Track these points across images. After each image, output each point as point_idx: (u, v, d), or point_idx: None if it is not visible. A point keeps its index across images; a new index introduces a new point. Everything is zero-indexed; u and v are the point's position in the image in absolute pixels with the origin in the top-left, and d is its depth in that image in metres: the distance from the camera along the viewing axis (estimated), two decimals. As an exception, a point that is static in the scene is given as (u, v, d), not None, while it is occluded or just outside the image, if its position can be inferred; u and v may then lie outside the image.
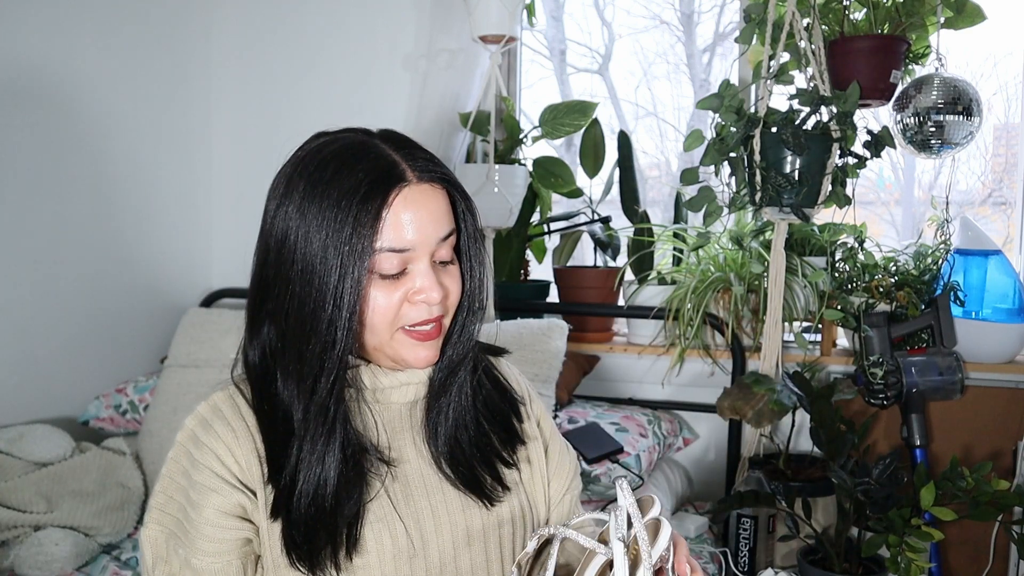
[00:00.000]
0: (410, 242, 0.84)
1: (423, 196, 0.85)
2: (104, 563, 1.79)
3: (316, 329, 0.83)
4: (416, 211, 0.84)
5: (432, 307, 0.87)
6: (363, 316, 0.86)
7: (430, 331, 0.89)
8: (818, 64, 1.87)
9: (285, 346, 0.86)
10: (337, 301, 0.82)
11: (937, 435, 2.07)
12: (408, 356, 0.89)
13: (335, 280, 0.82)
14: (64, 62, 2.16)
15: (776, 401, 1.83)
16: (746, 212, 2.15)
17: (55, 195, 2.16)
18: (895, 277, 2.10)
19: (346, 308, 0.83)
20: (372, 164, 0.84)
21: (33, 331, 2.12)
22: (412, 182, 0.85)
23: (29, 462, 1.92)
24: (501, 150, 2.33)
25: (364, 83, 2.56)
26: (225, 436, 0.87)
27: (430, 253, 0.86)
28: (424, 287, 0.86)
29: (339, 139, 0.88)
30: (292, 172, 0.87)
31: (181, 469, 0.88)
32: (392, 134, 0.90)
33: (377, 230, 0.83)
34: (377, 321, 0.86)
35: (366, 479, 0.88)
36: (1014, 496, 1.59)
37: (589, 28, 2.84)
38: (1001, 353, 2.05)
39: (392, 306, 0.86)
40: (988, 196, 2.52)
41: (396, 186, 0.84)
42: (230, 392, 0.92)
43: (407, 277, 0.86)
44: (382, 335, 0.87)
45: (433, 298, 0.86)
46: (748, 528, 1.92)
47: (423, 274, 0.86)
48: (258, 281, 0.89)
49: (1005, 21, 2.13)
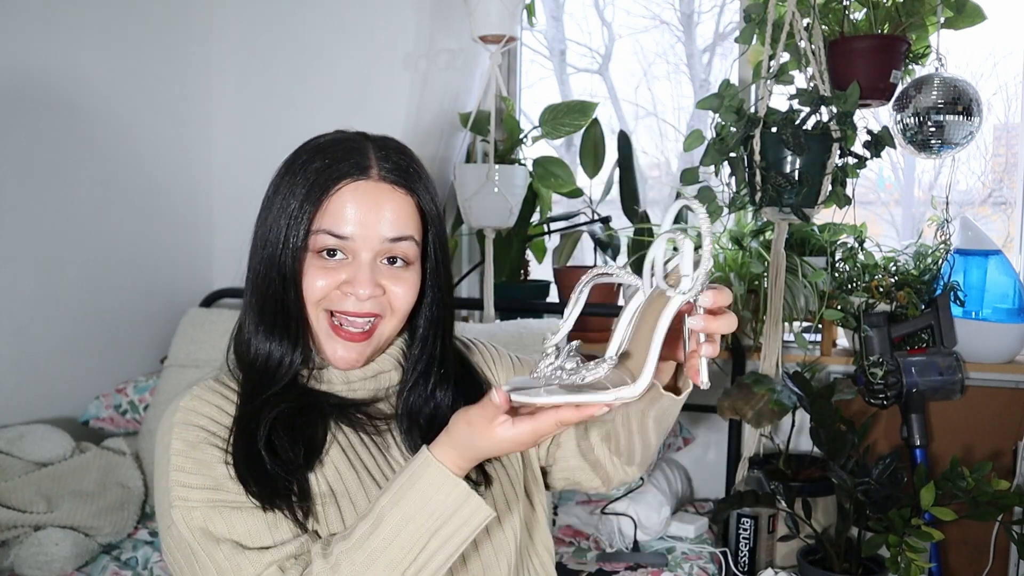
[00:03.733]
0: (348, 232, 0.87)
1: (378, 193, 0.88)
2: (104, 563, 1.79)
3: (268, 293, 0.89)
4: (363, 205, 0.87)
5: (361, 301, 0.88)
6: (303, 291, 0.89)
7: (357, 334, 0.90)
8: (818, 64, 1.87)
9: (254, 309, 0.92)
10: (279, 266, 0.88)
11: (937, 435, 2.07)
12: (327, 350, 0.91)
13: (279, 247, 0.88)
14: (64, 63, 2.16)
15: (776, 401, 1.83)
16: (746, 212, 2.14)
17: (55, 195, 2.16)
18: (895, 277, 2.10)
19: (286, 274, 0.88)
20: (340, 154, 0.89)
21: (33, 331, 2.12)
22: (372, 179, 0.88)
23: (29, 462, 1.92)
24: (501, 150, 2.33)
25: (364, 83, 2.56)
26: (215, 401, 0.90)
27: (373, 250, 0.88)
28: (355, 279, 0.88)
29: (334, 135, 0.93)
30: (288, 157, 0.93)
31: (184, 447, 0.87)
32: (385, 139, 0.93)
33: (320, 208, 0.87)
34: (309, 295, 0.89)
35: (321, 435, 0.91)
36: (1014, 496, 1.59)
37: (589, 28, 2.84)
38: (1001, 353, 2.05)
39: (325, 287, 0.88)
40: (988, 196, 2.52)
41: (352, 176, 0.88)
42: (219, 377, 0.94)
43: (346, 266, 0.88)
44: (312, 313, 0.90)
45: (361, 293, 0.87)
46: (748, 528, 1.92)
47: (358, 267, 0.88)
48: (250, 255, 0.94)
49: (1005, 21, 2.13)
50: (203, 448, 0.86)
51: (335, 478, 0.89)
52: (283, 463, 0.86)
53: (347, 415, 0.93)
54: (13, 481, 1.84)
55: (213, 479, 0.84)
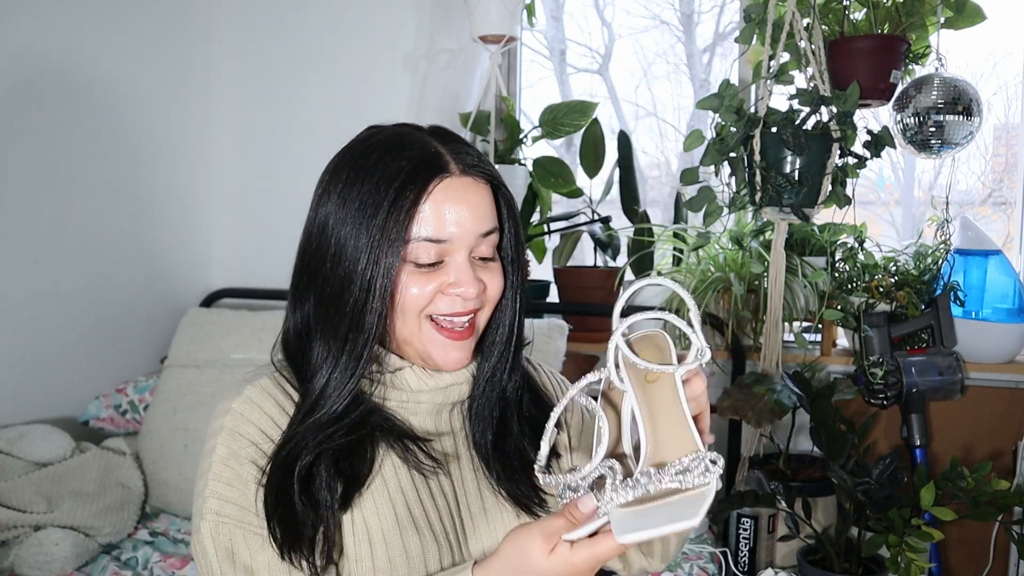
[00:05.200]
0: (448, 234, 0.84)
1: (465, 189, 0.85)
2: (104, 563, 1.79)
3: (343, 311, 0.83)
4: (456, 203, 0.84)
5: (467, 301, 0.85)
6: (393, 302, 0.84)
7: (462, 331, 0.87)
8: (818, 64, 1.87)
9: (319, 322, 0.86)
10: (364, 284, 0.82)
11: (937, 435, 2.07)
12: (437, 356, 0.87)
13: (364, 264, 0.82)
14: (64, 62, 2.16)
15: (776, 401, 1.83)
16: (746, 212, 2.14)
17: (55, 195, 2.16)
18: (895, 277, 2.10)
19: (375, 293, 0.82)
20: (415, 153, 0.84)
21: (33, 331, 2.12)
22: (454, 174, 0.85)
23: (29, 462, 1.92)
24: (501, 150, 2.33)
25: (364, 83, 2.56)
26: (269, 409, 0.86)
27: (469, 247, 0.85)
28: (460, 280, 0.84)
29: (387, 130, 0.89)
30: (338, 161, 0.88)
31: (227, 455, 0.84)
32: (441, 129, 0.90)
33: (413, 218, 0.82)
34: (407, 306, 0.85)
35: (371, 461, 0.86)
36: (1014, 496, 1.59)
37: (589, 28, 2.84)
38: (1001, 353, 2.05)
39: (424, 295, 0.85)
40: (988, 196, 2.52)
41: (437, 176, 0.84)
42: (275, 377, 0.90)
43: (443, 269, 0.85)
44: (411, 323, 0.86)
45: (469, 293, 0.84)
46: (748, 528, 1.92)
47: (460, 267, 0.85)
48: (299, 265, 0.89)
49: (1005, 21, 2.13)
50: (246, 464, 0.83)
51: (372, 514, 0.85)
52: (315, 503, 0.81)
53: (401, 444, 0.88)
54: (13, 481, 1.84)
55: (248, 499, 0.82)
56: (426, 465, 0.88)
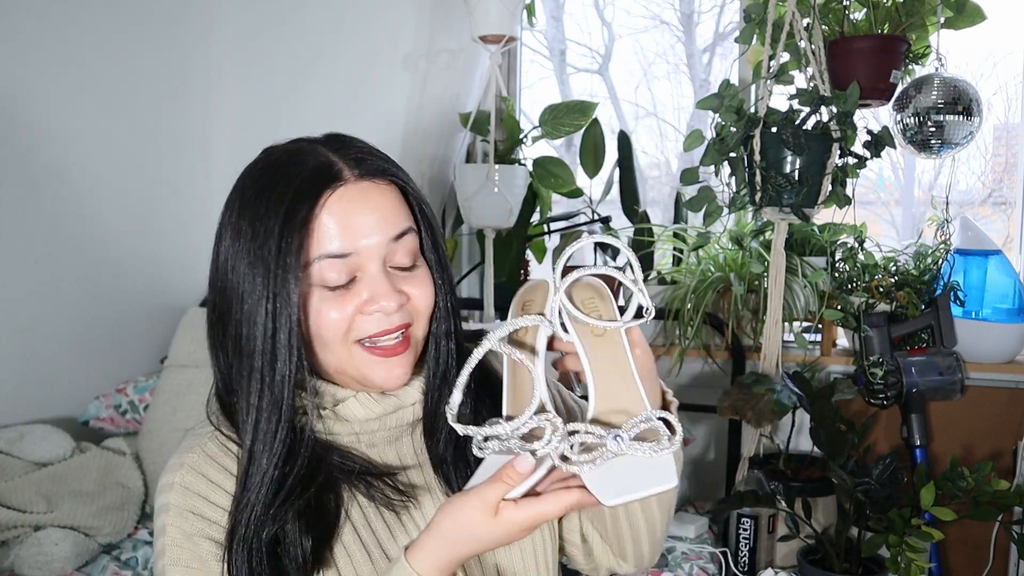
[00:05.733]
0: (352, 246, 0.75)
1: (364, 194, 0.77)
2: (104, 563, 1.79)
3: (253, 354, 0.75)
4: (356, 211, 0.76)
5: (390, 316, 0.77)
6: (310, 334, 0.77)
7: (394, 346, 0.79)
8: (818, 64, 1.87)
9: (236, 373, 0.78)
10: (270, 319, 0.74)
11: (937, 435, 2.07)
12: (376, 377, 0.79)
13: (267, 296, 0.74)
14: (64, 61, 2.16)
15: (776, 401, 1.83)
16: (746, 212, 2.15)
17: (54, 195, 2.16)
18: (895, 277, 2.10)
19: (283, 325, 0.74)
20: (304, 167, 0.77)
21: (33, 331, 2.12)
22: (349, 181, 0.76)
23: (29, 462, 1.92)
24: (501, 150, 2.33)
25: (364, 83, 2.56)
26: (215, 476, 0.79)
27: (380, 257, 0.77)
28: (376, 294, 0.76)
29: (278, 150, 0.81)
30: (231, 193, 0.81)
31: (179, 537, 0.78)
32: (337, 136, 0.82)
33: (310, 236, 0.75)
34: (328, 336, 0.77)
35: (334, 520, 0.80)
36: (1014, 496, 1.59)
37: (589, 28, 2.84)
38: (1001, 353, 2.05)
39: (344, 319, 0.76)
40: (988, 196, 2.52)
41: (330, 186, 0.75)
42: (216, 438, 0.82)
43: (357, 286, 0.77)
44: (339, 352, 0.78)
45: (389, 307, 0.76)
46: (748, 528, 1.92)
47: (374, 281, 0.76)
48: (210, 314, 0.81)
49: (1005, 21, 2.13)
50: (201, 542, 0.77)
51: (346, 564, 0.80)
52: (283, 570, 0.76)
53: (364, 482, 0.81)
54: (13, 481, 1.84)
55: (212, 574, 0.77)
56: (395, 500, 0.82)
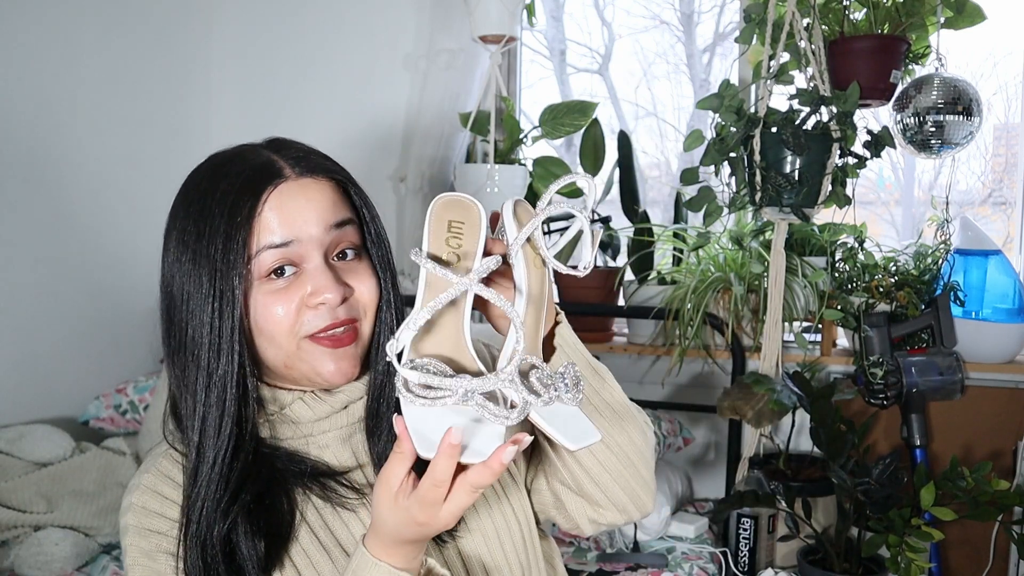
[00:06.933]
0: (292, 234, 0.76)
1: (304, 188, 0.78)
2: (104, 563, 1.79)
3: (198, 349, 0.76)
4: (295, 204, 0.77)
5: (335, 309, 0.77)
6: (256, 330, 0.77)
7: (344, 335, 0.78)
8: (818, 64, 1.87)
9: (183, 375, 0.78)
10: (216, 320, 0.75)
11: (937, 435, 2.07)
12: (324, 370, 0.78)
13: (213, 300, 0.75)
14: (64, 61, 2.16)
15: (776, 401, 1.83)
16: (746, 212, 2.15)
17: (55, 195, 2.16)
18: (895, 277, 2.10)
19: (228, 326, 0.75)
20: (245, 167, 0.78)
21: (33, 331, 2.12)
22: (290, 178, 0.78)
23: (29, 462, 1.92)
24: (501, 150, 2.33)
25: (364, 83, 2.56)
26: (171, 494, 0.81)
27: (321, 247, 0.77)
28: (319, 287, 0.76)
29: (220, 155, 0.82)
30: (174, 201, 0.82)
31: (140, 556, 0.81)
32: (279, 140, 0.83)
33: (252, 231, 0.75)
34: (275, 331, 0.77)
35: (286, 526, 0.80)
36: (1014, 496, 1.59)
37: (589, 28, 2.84)
38: (1001, 353, 2.05)
39: (289, 313, 0.77)
40: (988, 196, 2.52)
41: (271, 183, 0.77)
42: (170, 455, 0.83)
43: (301, 279, 0.77)
44: (286, 347, 0.78)
45: (333, 300, 0.76)
46: (748, 528, 1.92)
47: (316, 272, 0.77)
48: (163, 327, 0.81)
49: (1005, 21, 2.13)
50: (157, 557, 0.80)
51: (306, 566, 0.80)
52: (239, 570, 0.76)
53: (318, 483, 0.81)
54: (13, 481, 1.84)
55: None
56: (349, 500, 0.81)
